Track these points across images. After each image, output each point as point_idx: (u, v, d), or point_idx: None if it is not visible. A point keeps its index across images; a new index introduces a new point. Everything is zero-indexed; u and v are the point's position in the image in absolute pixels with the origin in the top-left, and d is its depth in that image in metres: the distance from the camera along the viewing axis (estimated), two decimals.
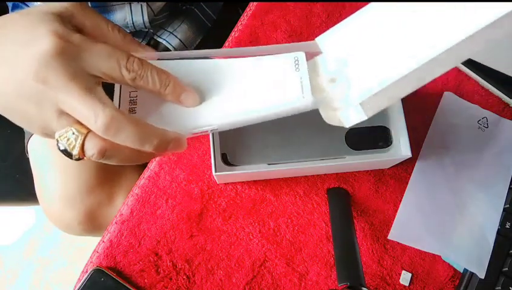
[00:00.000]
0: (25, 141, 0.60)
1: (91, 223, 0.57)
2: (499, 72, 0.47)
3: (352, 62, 0.28)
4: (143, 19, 0.55)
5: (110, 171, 0.58)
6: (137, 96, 0.29)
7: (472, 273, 0.40)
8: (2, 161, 0.67)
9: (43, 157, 0.58)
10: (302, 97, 0.28)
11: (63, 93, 0.24)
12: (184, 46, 0.62)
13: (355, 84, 0.27)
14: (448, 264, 0.41)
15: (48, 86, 0.23)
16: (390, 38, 0.28)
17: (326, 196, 0.43)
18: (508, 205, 0.42)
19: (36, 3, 0.55)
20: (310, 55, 0.30)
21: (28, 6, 0.57)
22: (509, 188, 0.43)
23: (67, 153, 0.25)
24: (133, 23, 0.56)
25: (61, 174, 0.55)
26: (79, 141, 0.24)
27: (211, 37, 0.64)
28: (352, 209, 0.42)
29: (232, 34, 0.50)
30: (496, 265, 0.40)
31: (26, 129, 0.61)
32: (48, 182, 0.57)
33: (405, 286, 0.41)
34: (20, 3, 0.57)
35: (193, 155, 0.44)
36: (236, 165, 0.39)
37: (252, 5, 0.51)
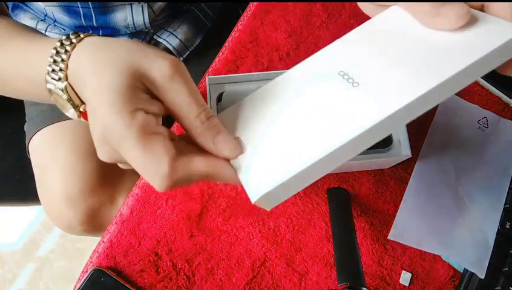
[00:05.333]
0: (26, 141, 0.60)
1: (93, 223, 0.57)
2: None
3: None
4: (144, 20, 0.55)
5: (112, 172, 0.58)
6: None
7: (472, 273, 0.40)
8: (2, 161, 0.67)
9: (44, 157, 0.58)
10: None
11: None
12: (184, 46, 0.62)
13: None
14: (448, 264, 0.41)
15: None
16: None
17: (326, 196, 0.43)
18: (508, 205, 0.42)
19: (36, 3, 0.55)
20: None
21: (28, 6, 0.57)
22: (509, 188, 0.43)
23: None
24: (134, 24, 0.56)
25: (63, 174, 0.55)
26: None
27: (211, 37, 0.64)
28: (352, 209, 0.42)
29: (232, 34, 0.50)
30: (496, 265, 0.40)
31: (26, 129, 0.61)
32: (50, 182, 0.57)
33: (405, 286, 0.41)
34: (20, 4, 0.58)
35: None
36: None
37: (252, 5, 0.51)
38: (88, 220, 0.56)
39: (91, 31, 0.56)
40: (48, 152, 0.57)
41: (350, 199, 0.43)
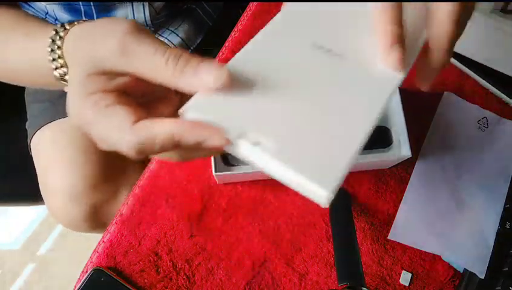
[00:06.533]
0: (28, 139, 0.60)
1: (95, 220, 0.57)
2: (499, 72, 0.47)
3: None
4: (145, 18, 0.55)
5: (115, 168, 0.58)
6: None
7: (472, 273, 0.40)
8: (2, 161, 0.67)
9: (46, 155, 0.58)
10: None
11: None
12: (185, 44, 0.62)
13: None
14: (448, 264, 0.41)
15: None
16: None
17: None
18: (508, 205, 0.42)
19: (37, 3, 0.55)
20: None
21: (29, 5, 0.57)
22: (509, 188, 0.43)
23: None
24: None
25: (65, 171, 0.55)
26: None
27: (211, 36, 0.64)
28: (352, 209, 0.42)
29: (232, 34, 0.50)
30: (496, 265, 0.40)
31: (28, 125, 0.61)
32: (52, 180, 0.57)
33: (405, 286, 0.41)
34: (21, 2, 0.57)
35: None
36: (236, 165, 0.39)
37: (252, 5, 0.51)
38: (91, 217, 0.56)
39: None
40: (50, 150, 0.57)
41: (350, 198, 0.43)
